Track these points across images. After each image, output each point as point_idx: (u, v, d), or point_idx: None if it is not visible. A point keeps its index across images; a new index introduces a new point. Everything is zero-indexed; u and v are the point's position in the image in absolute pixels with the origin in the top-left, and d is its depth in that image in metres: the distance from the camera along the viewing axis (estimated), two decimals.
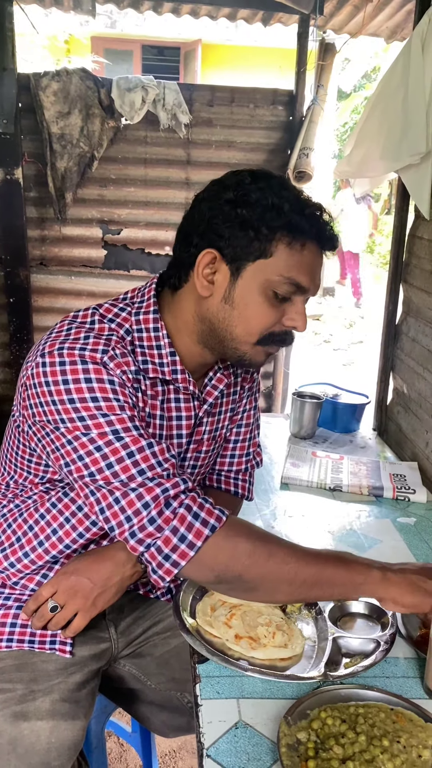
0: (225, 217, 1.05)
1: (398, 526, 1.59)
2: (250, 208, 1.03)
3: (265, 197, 1.03)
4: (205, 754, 0.92)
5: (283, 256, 1.04)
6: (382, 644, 1.11)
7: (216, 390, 1.23)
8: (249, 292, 1.06)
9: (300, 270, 1.05)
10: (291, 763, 0.88)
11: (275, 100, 3.41)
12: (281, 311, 1.08)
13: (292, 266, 1.05)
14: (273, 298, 1.06)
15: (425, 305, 1.93)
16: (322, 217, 1.07)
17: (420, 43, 1.78)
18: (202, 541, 0.98)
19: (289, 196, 1.05)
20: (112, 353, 1.05)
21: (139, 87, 3.19)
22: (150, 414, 1.13)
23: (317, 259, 1.08)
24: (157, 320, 1.13)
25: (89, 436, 1.00)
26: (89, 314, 1.11)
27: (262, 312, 1.07)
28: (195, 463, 1.27)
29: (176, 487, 1.00)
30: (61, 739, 1.11)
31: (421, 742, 0.93)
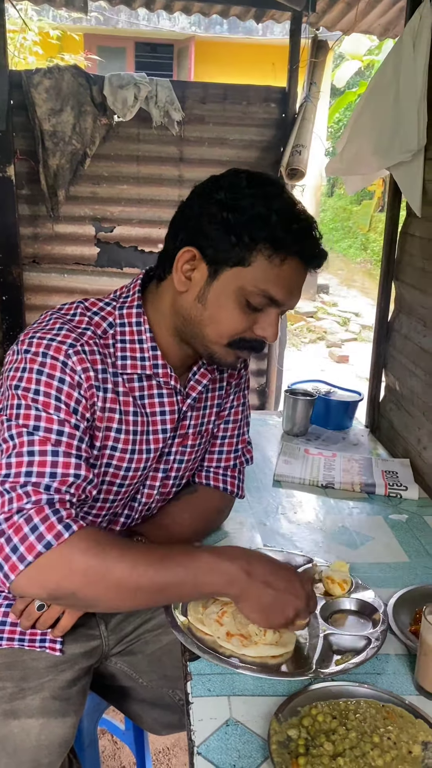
0: (211, 217, 1.05)
1: (390, 523, 1.59)
2: (237, 214, 1.03)
3: (253, 205, 1.03)
4: (196, 752, 0.92)
5: (261, 267, 1.04)
6: (373, 641, 1.11)
7: (199, 385, 1.23)
8: (222, 296, 1.07)
9: (277, 284, 1.05)
10: (281, 760, 0.89)
11: (268, 98, 3.40)
12: (253, 319, 1.09)
13: (269, 279, 1.04)
14: (245, 306, 1.07)
15: (417, 302, 1.93)
16: (309, 233, 1.06)
17: (411, 40, 1.78)
18: (33, 556, 0.93)
19: (279, 207, 1.04)
20: (79, 348, 1.06)
21: (132, 84, 3.18)
22: (122, 411, 1.13)
23: (297, 275, 1.08)
24: (140, 314, 1.14)
25: (11, 423, 1.02)
26: (73, 307, 1.13)
27: (232, 317, 1.07)
28: (181, 457, 1.27)
29: (37, 503, 0.96)
30: (51, 736, 1.11)
31: (412, 737, 0.93)
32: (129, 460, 1.16)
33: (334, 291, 9.29)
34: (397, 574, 1.38)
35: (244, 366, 1.38)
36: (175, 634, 1.09)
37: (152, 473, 1.24)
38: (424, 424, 1.86)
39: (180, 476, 1.30)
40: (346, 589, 1.25)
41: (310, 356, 6.68)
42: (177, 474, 1.28)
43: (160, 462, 1.24)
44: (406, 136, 1.77)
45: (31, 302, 3.49)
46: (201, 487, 1.38)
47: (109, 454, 1.14)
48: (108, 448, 1.14)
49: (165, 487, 1.28)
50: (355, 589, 1.25)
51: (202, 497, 1.37)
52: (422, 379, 1.88)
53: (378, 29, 3.67)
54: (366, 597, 1.24)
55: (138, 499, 1.26)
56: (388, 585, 1.32)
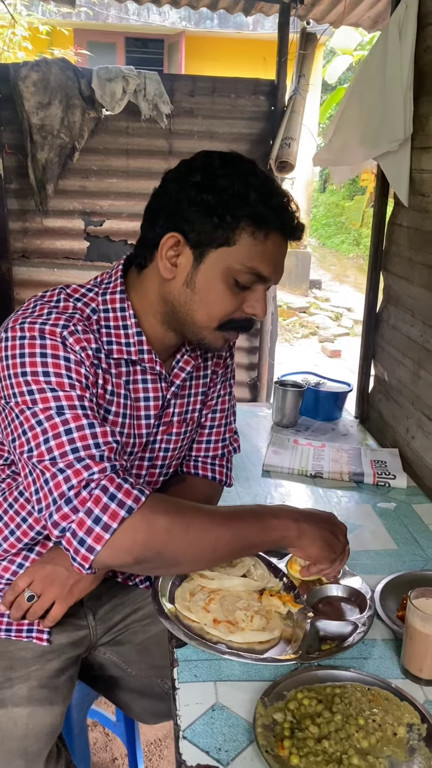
0: (191, 201, 1.04)
1: (378, 511, 1.59)
2: (216, 195, 1.03)
3: (231, 184, 1.03)
4: (182, 736, 0.92)
5: (246, 245, 1.04)
6: (359, 626, 1.12)
7: (183, 372, 1.22)
8: (211, 278, 1.07)
9: (262, 260, 1.06)
10: (267, 743, 0.89)
11: (257, 90, 3.40)
12: (242, 298, 1.09)
13: (254, 256, 1.05)
14: (234, 285, 1.07)
15: (405, 292, 1.94)
16: (288, 207, 1.07)
17: (397, 30, 1.78)
18: (118, 522, 0.94)
19: (256, 183, 1.04)
20: (73, 329, 1.05)
21: (120, 77, 3.17)
22: (113, 392, 1.13)
23: (281, 248, 1.08)
24: (124, 300, 1.13)
25: (33, 410, 1.00)
26: (56, 293, 1.11)
27: (222, 299, 1.07)
28: (167, 446, 1.26)
29: (103, 472, 0.97)
30: (39, 724, 1.11)
31: (397, 719, 0.94)
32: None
33: (326, 286, 9.30)
34: (385, 561, 1.38)
35: (229, 355, 1.38)
36: (162, 622, 1.09)
37: (138, 462, 1.24)
38: (413, 413, 1.86)
39: (166, 465, 1.29)
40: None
41: (302, 351, 6.68)
42: (163, 463, 1.28)
43: (146, 450, 1.24)
44: (392, 125, 1.77)
45: (20, 297, 3.47)
46: (189, 476, 1.38)
47: None
48: None
49: (151, 476, 1.28)
50: (342, 575, 1.26)
51: (190, 485, 1.36)
52: (410, 369, 1.88)
53: (367, 22, 3.66)
54: (353, 583, 1.24)
55: None
56: (376, 572, 1.33)
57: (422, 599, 1.05)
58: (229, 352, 1.38)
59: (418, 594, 1.06)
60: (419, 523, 1.55)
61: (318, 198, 13.07)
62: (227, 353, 1.37)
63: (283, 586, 1.21)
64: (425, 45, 1.75)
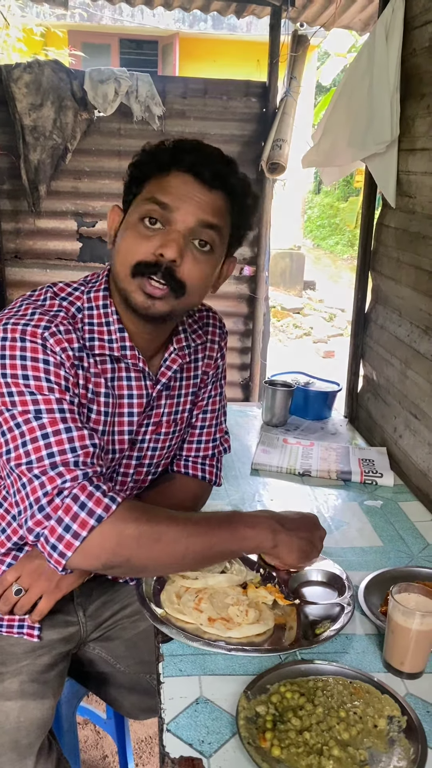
0: (127, 177, 1.14)
1: (365, 509, 1.61)
2: (134, 165, 1.13)
3: (146, 151, 1.12)
4: (165, 729, 0.93)
5: (150, 186, 1.10)
6: (346, 607, 1.15)
7: (170, 371, 1.23)
8: (126, 228, 1.11)
9: (161, 191, 1.08)
10: (249, 735, 0.90)
11: (248, 92, 3.42)
12: (154, 241, 1.07)
13: (155, 189, 1.08)
14: (142, 226, 1.08)
15: (393, 293, 1.95)
16: (195, 148, 1.10)
17: (384, 33, 1.80)
18: (87, 531, 0.97)
19: (168, 143, 1.11)
20: (55, 330, 1.06)
21: (112, 79, 3.19)
22: (94, 392, 1.14)
23: (186, 184, 1.07)
24: (107, 297, 1.15)
25: (11, 412, 1.02)
26: (43, 292, 1.14)
27: (131, 241, 1.09)
28: (155, 445, 1.27)
29: (75, 480, 1.00)
30: (30, 718, 1.12)
31: (378, 712, 0.95)
32: (101, 441, 1.17)
33: (320, 287, 9.32)
34: (370, 558, 1.40)
35: (220, 356, 1.39)
36: (161, 629, 1.08)
37: (125, 460, 1.25)
38: (400, 412, 1.88)
39: (155, 464, 1.30)
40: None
41: (296, 352, 6.70)
42: (151, 462, 1.29)
43: (134, 449, 1.25)
44: (379, 127, 1.79)
45: (13, 297, 3.48)
46: (179, 476, 1.40)
47: None
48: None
49: (139, 474, 1.29)
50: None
51: (179, 484, 1.38)
52: (398, 369, 1.90)
53: (358, 24, 3.69)
54: (327, 567, 1.28)
55: None
56: (361, 568, 1.34)
57: (404, 594, 1.07)
58: (221, 353, 1.38)
59: (400, 589, 1.07)
60: (405, 520, 1.56)
61: (312, 199, 13.11)
62: (218, 354, 1.37)
63: (261, 577, 1.23)
64: (412, 48, 1.77)
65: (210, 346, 1.35)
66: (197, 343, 1.30)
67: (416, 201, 1.77)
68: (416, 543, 1.46)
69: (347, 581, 1.22)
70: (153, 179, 1.09)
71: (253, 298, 3.69)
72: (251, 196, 1.16)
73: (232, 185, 1.10)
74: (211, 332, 1.35)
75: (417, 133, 1.75)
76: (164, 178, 1.08)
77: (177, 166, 1.08)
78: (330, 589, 1.24)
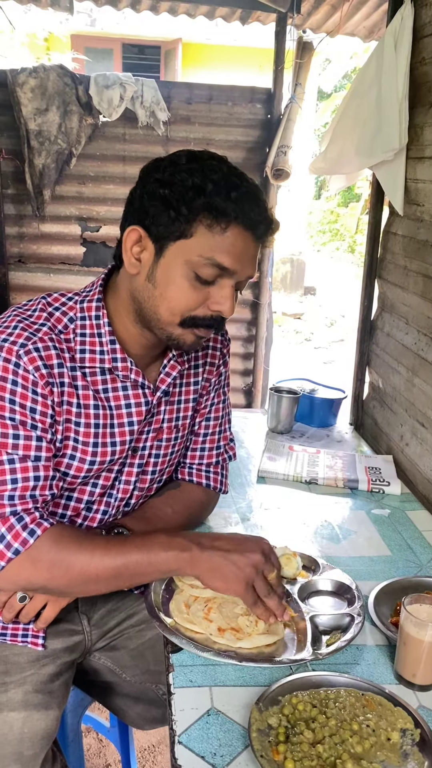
0: (151, 195, 1.05)
1: (372, 518, 1.60)
2: (173, 188, 1.03)
3: (189, 177, 1.03)
4: (177, 741, 0.92)
5: (203, 237, 1.03)
6: (356, 617, 1.14)
7: (169, 377, 1.22)
8: (171, 272, 1.06)
9: (221, 251, 1.04)
10: (261, 748, 0.90)
11: (253, 98, 3.42)
12: (205, 294, 1.07)
13: (213, 247, 1.03)
14: (195, 279, 1.06)
15: (399, 300, 1.95)
16: (251, 199, 1.05)
17: (393, 41, 1.80)
18: (5, 561, 1.03)
19: (215, 176, 1.03)
20: (31, 347, 1.06)
21: (117, 84, 3.19)
22: (81, 404, 1.13)
23: (244, 242, 1.05)
24: (100, 308, 1.14)
25: None
26: (35, 303, 1.14)
27: (182, 293, 1.06)
28: (157, 452, 1.27)
29: (2, 516, 1.04)
30: (33, 729, 1.11)
31: (390, 725, 0.95)
32: (92, 453, 1.16)
33: (321, 293, 9.33)
34: (379, 567, 1.39)
35: (223, 363, 1.38)
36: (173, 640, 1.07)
37: (127, 468, 1.24)
38: (407, 420, 1.88)
39: (158, 471, 1.29)
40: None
41: (297, 357, 6.70)
42: (154, 469, 1.28)
43: (135, 457, 1.24)
44: (388, 135, 1.79)
45: (16, 302, 3.46)
46: (184, 483, 1.39)
47: (72, 446, 1.14)
48: (71, 440, 1.14)
49: (143, 482, 1.28)
50: (323, 570, 1.29)
51: (185, 492, 1.37)
52: (404, 377, 1.90)
53: (363, 32, 3.70)
54: (337, 577, 1.27)
55: (114, 495, 1.25)
56: (370, 578, 1.33)
57: (416, 605, 1.06)
58: (223, 360, 1.38)
59: (412, 600, 1.06)
60: (413, 529, 1.56)
61: (313, 205, 13.12)
62: (221, 361, 1.36)
63: None
64: (420, 56, 1.78)
65: (212, 353, 1.34)
66: (197, 350, 1.29)
67: (424, 209, 1.77)
68: (425, 552, 1.46)
69: (357, 591, 1.22)
70: (206, 228, 1.03)
71: (257, 303, 3.69)
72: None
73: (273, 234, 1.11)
74: (213, 338, 1.34)
75: (425, 141, 1.75)
76: (224, 234, 1.03)
77: (240, 222, 1.03)
78: (339, 599, 1.23)
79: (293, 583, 1.24)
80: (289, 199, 8.93)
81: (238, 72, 8.14)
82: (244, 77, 5.60)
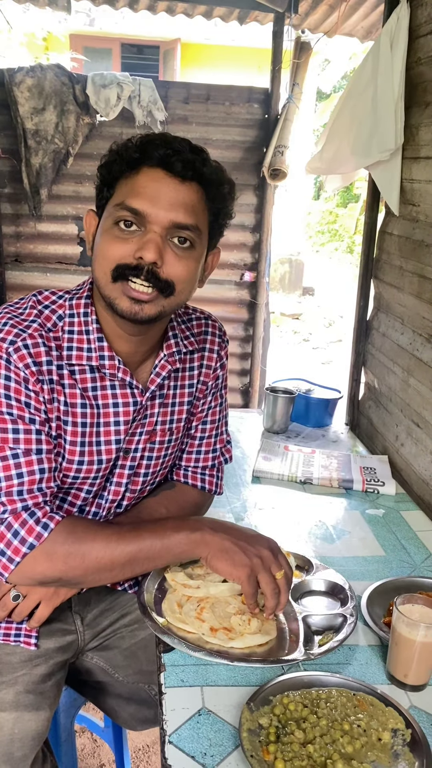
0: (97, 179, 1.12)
1: (367, 518, 1.60)
2: (103, 166, 1.10)
3: (113, 150, 1.09)
4: (167, 741, 0.92)
5: (120, 189, 1.07)
6: (349, 617, 1.14)
7: (159, 377, 1.20)
8: (102, 233, 1.09)
9: (132, 194, 1.04)
10: (252, 748, 0.89)
11: (251, 98, 3.42)
12: (132, 243, 1.05)
13: (125, 193, 1.06)
14: (117, 229, 1.05)
15: (395, 300, 1.95)
16: (162, 141, 1.05)
17: (389, 41, 1.80)
18: (20, 557, 1.04)
19: (134, 139, 1.08)
20: (21, 344, 1.06)
21: (115, 83, 3.19)
22: (68, 403, 1.12)
23: (157, 181, 1.05)
24: (88, 305, 1.15)
25: None
26: (26, 300, 1.14)
27: (107, 245, 1.06)
28: (149, 454, 1.25)
29: (14, 512, 1.05)
30: (24, 730, 1.11)
31: (382, 725, 0.94)
32: (80, 453, 1.15)
33: (319, 293, 9.33)
34: (373, 567, 1.39)
35: (220, 366, 1.36)
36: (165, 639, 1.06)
37: (118, 470, 1.22)
38: (402, 420, 1.88)
39: (150, 474, 1.28)
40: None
41: (295, 357, 6.70)
42: (147, 471, 1.26)
43: (127, 459, 1.22)
44: (383, 135, 1.79)
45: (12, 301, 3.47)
46: (179, 484, 1.38)
47: (62, 445, 1.14)
48: (60, 438, 1.13)
49: (134, 484, 1.26)
50: (316, 570, 1.29)
51: (179, 492, 1.36)
52: (399, 377, 1.90)
53: (360, 32, 3.70)
54: (330, 577, 1.27)
55: (105, 496, 1.23)
56: (364, 578, 1.33)
57: (408, 605, 1.06)
58: (220, 362, 1.36)
59: (404, 600, 1.06)
60: (407, 530, 1.56)
61: (312, 205, 13.12)
62: (218, 364, 1.34)
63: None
64: (416, 56, 1.78)
65: (208, 356, 1.31)
66: (189, 350, 1.27)
67: (420, 209, 1.77)
68: (419, 553, 1.46)
69: (350, 591, 1.22)
70: (123, 179, 1.07)
71: (254, 303, 3.69)
72: (227, 182, 1.13)
73: (205, 174, 1.07)
74: (210, 341, 1.32)
75: (421, 142, 1.75)
76: (134, 178, 1.05)
77: (146, 163, 1.05)
78: (332, 599, 1.23)
79: None
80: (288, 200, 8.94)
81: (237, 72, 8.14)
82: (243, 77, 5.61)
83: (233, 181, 1.14)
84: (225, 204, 1.13)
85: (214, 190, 1.10)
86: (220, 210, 1.13)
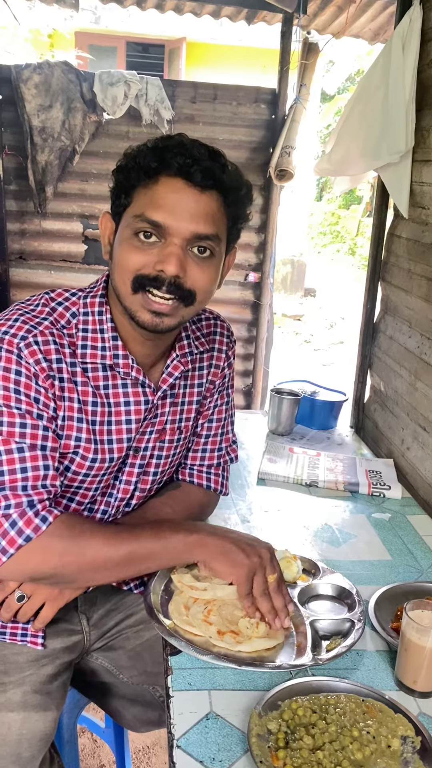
0: (113, 183, 1.11)
1: (373, 522, 1.60)
2: (120, 171, 1.08)
3: (129, 155, 1.07)
4: (176, 745, 0.91)
5: (139, 198, 1.05)
6: (356, 623, 1.13)
7: (171, 377, 1.21)
8: (120, 241, 1.08)
9: (152, 205, 1.03)
10: (261, 753, 0.89)
11: (258, 98, 3.42)
12: (152, 255, 1.05)
13: (145, 204, 1.04)
14: (136, 239, 1.05)
15: (403, 303, 1.95)
16: (179, 148, 1.03)
17: (401, 44, 1.80)
18: (15, 548, 1.01)
19: (150, 143, 1.06)
20: (31, 340, 1.06)
21: (122, 82, 3.18)
22: (80, 401, 1.12)
23: (175, 192, 1.03)
24: (103, 304, 1.14)
25: None
26: (39, 297, 1.13)
27: (126, 255, 1.06)
28: (159, 453, 1.25)
29: (19, 506, 1.03)
30: (32, 730, 1.10)
31: (391, 732, 0.94)
32: (94, 450, 1.14)
33: (321, 295, 9.32)
34: (379, 572, 1.38)
35: (227, 365, 1.37)
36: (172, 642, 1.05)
37: (128, 468, 1.22)
38: (408, 424, 1.87)
39: (160, 472, 1.28)
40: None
41: (296, 359, 6.69)
42: (156, 470, 1.27)
43: (137, 457, 1.22)
44: (394, 137, 1.78)
45: (17, 299, 3.46)
46: (185, 484, 1.38)
47: (75, 444, 1.13)
48: (72, 439, 1.12)
49: (144, 483, 1.26)
50: (323, 574, 1.28)
51: (185, 492, 1.36)
52: (406, 380, 1.89)
53: (368, 34, 3.70)
54: (337, 581, 1.26)
55: (114, 495, 1.23)
56: (370, 582, 1.33)
57: (418, 611, 1.05)
58: (228, 362, 1.36)
59: (414, 606, 1.06)
60: (414, 534, 1.55)
61: (314, 207, 13.12)
62: (225, 363, 1.35)
63: None
64: (428, 59, 1.77)
65: (217, 355, 1.32)
66: (200, 351, 1.28)
67: (429, 212, 1.76)
68: (425, 557, 1.45)
69: (357, 596, 1.21)
70: (141, 188, 1.05)
71: (257, 304, 3.68)
72: (245, 186, 1.12)
73: (224, 182, 1.06)
74: (218, 341, 1.33)
75: (431, 144, 1.75)
76: (153, 188, 1.03)
77: (165, 172, 1.03)
78: (340, 603, 1.22)
79: (293, 586, 1.24)
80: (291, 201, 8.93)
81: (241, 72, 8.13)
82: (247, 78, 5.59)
83: (250, 183, 1.14)
84: (243, 207, 1.13)
85: (233, 196, 1.09)
86: (238, 214, 1.13)
